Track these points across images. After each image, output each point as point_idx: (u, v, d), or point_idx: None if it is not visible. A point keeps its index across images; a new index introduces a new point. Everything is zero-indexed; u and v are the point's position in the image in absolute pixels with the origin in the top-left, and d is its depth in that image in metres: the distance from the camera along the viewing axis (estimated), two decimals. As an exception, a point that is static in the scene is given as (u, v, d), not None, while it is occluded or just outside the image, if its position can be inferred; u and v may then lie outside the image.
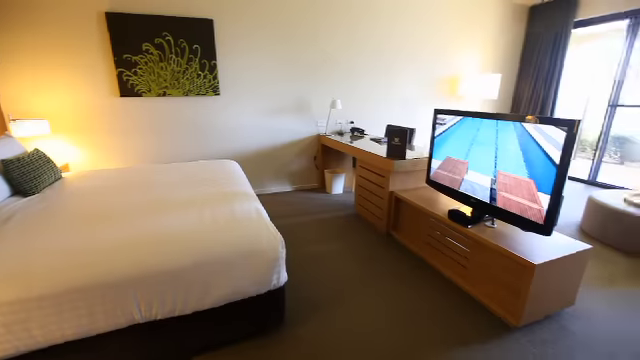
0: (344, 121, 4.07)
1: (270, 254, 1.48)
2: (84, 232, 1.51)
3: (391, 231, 2.76)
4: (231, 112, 3.56)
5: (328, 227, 2.95)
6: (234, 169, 2.69)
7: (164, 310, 1.36)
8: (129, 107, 3.22)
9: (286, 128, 3.84)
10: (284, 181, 4.02)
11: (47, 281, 1.20)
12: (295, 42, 3.59)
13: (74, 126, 3.10)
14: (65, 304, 1.20)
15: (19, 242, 1.42)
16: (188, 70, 3.28)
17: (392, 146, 2.62)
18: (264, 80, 3.59)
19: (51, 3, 2.78)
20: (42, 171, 2.28)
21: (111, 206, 1.85)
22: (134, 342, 1.39)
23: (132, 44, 3.06)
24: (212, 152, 3.62)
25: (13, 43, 2.77)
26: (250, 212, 1.74)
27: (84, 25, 2.91)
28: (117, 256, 1.33)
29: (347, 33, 3.77)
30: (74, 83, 3.01)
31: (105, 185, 2.27)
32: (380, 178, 2.76)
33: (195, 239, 1.46)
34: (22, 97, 2.91)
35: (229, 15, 3.28)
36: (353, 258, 2.42)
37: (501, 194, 1.80)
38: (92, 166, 3.26)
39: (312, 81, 3.78)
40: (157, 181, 2.34)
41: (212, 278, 1.40)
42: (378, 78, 4.08)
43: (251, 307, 1.54)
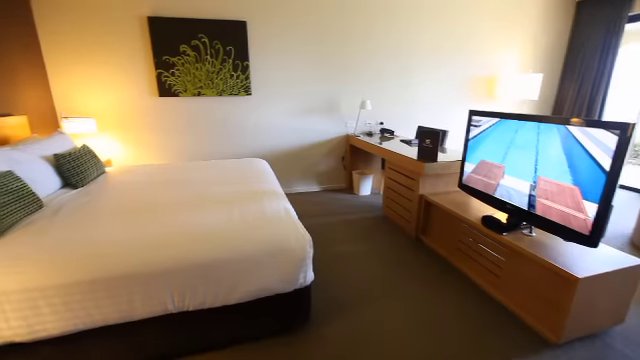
0: (373, 122, 4.03)
1: (298, 253, 1.49)
2: (126, 224, 1.60)
3: (420, 235, 2.69)
4: (262, 112, 3.64)
5: (355, 228, 2.93)
6: (264, 168, 2.75)
7: (195, 302, 1.41)
8: (167, 106, 3.38)
9: (315, 128, 3.86)
10: (312, 181, 4.05)
11: (95, 267, 1.29)
12: (326, 42, 3.60)
13: (117, 124, 3.31)
14: (110, 290, 1.29)
15: (70, 230, 1.53)
16: (222, 71, 3.38)
17: (423, 148, 2.56)
18: (294, 80, 3.63)
19: (99, 7, 2.98)
20: (88, 166, 2.45)
21: (148, 201, 1.95)
22: (167, 330, 1.45)
23: (170, 46, 3.21)
24: (242, 151, 3.71)
25: (63, 42, 3.00)
26: (279, 211, 1.77)
27: (129, 29, 3.09)
28: (154, 248, 1.40)
29: (378, 33, 3.72)
30: (119, 84, 3.20)
31: (143, 180, 2.40)
32: (410, 180, 2.70)
33: (226, 236, 1.50)
34: (72, 96, 3.15)
35: (261, 16, 3.35)
36: (380, 260, 2.39)
37: (541, 201, 1.70)
38: (132, 162, 3.45)
39: (342, 81, 3.78)
40: (190, 178, 2.44)
41: (241, 274, 1.43)
42: (409, 78, 3.99)
43: (277, 305, 1.57)
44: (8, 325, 1.22)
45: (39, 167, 2.12)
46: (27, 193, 1.75)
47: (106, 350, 1.39)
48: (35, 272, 1.25)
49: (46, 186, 2.09)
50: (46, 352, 1.31)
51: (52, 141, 2.47)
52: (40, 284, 1.23)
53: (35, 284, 1.22)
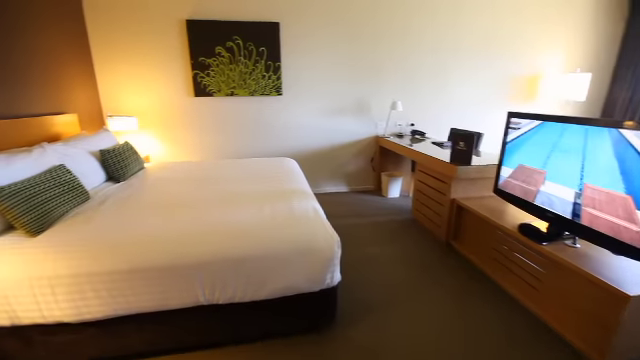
0: (404, 123, 3.95)
1: (326, 253, 1.49)
2: (162, 218, 1.68)
3: (451, 240, 2.60)
4: (292, 112, 3.68)
5: (383, 230, 2.89)
6: (293, 167, 2.78)
7: (225, 296, 1.46)
8: (201, 106, 3.51)
9: (344, 128, 3.85)
10: (340, 181, 4.04)
11: (134, 258, 1.37)
12: (358, 42, 3.57)
13: (156, 122, 3.49)
14: (146, 279, 1.36)
15: (113, 222, 1.64)
16: (254, 71, 3.46)
17: (456, 151, 2.47)
18: (325, 80, 3.64)
19: (143, 8, 3.16)
20: (130, 161, 2.60)
21: (183, 196, 2.04)
22: (199, 321, 1.51)
23: (206, 48, 3.33)
24: (272, 150, 3.77)
25: (109, 41, 3.20)
26: (308, 210, 1.78)
27: (169, 31, 3.25)
28: (188, 242, 1.45)
29: (414, 33, 3.65)
30: (158, 84, 3.37)
31: (178, 177, 2.51)
32: (441, 184, 2.62)
33: (257, 233, 1.53)
34: (116, 95, 3.35)
35: (294, 17, 3.39)
36: (408, 264, 2.34)
37: (587, 210, 1.58)
38: (168, 158, 3.62)
39: (373, 81, 3.74)
40: (222, 175, 2.52)
41: (269, 271, 1.46)
42: (444, 79, 3.87)
43: (304, 303, 1.58)
44: (58, 306, 1.32)
45: (87, 161, 2.28)
46: (76, 185, 1.89)
47: (143, 335, 1.47)
48: (82, 259, 1.34)
49: (92, 179, 2.24)
50: (90, 333, 1.41)
51: (98, 138, 2.64)
52: (86, 270, 1.32)
53: (82, 270, 1.32)
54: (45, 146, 2.05)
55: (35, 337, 1.38)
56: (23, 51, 2.34)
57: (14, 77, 2.25)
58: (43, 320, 1.34)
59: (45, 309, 1.32)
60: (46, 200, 1.61)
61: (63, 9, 2.82)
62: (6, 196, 1.46)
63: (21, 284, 1.28)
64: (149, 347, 1.49)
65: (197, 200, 1.95)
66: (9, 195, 1.47)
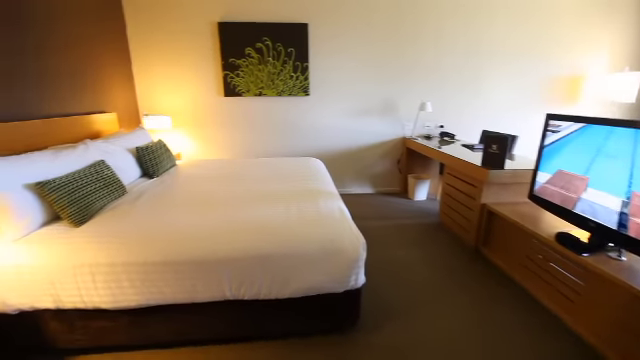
0: (433, 125, 3.85)
1: (351, 254, 1.48)
2: (192, 213, 1.75)
3: (480, 246, 2.50)
4: (318, 112, 3.70)
5: (409, 233, 2.83)
6: (319, 167, 2.79)
7: (251, 292, 1.48)
8: (230, 106, 3.60)
9: (371, 129, 3.81)
10: (365, 183, 4.00)
11: (166, 251, 1.42)
12: (387, 44, 3.53)
13: (187, 121, 3.62)
14: (177, 272, 1.41)
15: (147, 216, 1.72)
16: (282, 72, 3.51)
17: (488, 154, 2.37)
18: (352, 81, 3.62)
19: (178, 10, 3.29)
20: (163, 158, 2.71)
21: (212, 193, 2.10)
22: (224, 315, 1.55)
23: (237, 49, 3.41)
24: (298, 150, 3.81)
25: (146, 40, 3.36)
26: (333, 211, 1.78)
27: (202, 33, 3.36)
28: (217, 238, 1.50)
29: (443, 36, 3.55)
30: (191, 84, 3.50)
31: (208, 174, 2.58)
32: (471, 188, 2.53)
33: (283, 232, 1.55)
34: (151, 95, 3.52)
35: (323, 18, 3.40)
36: (434, 268, 2.27)
37: (635, 220, 1.47)
38: (198, 156, 3.75)
39: (402, 83, 3.67)
40: (250, 174, 2.57)
41: (294, 270, 1.47)
42: (477, 80, 3.74)
43: (327, 304, 1.58)
44: (97, 293, 1.40)
45: (124, 158, 2.41)
46: (115, 180, 2.00)
47: (173, 325, 1.52)
48: (119, 249, 1.42)
49: (129, 175, 2.36)
50: (125, 320, 1.48)
51: (134, 135, 2.78)
52: (123, 260, 1.39)
53: (119, 260, 1.39)
54: (88, 143, 2.18)
55: (75, 321, 1.47)
56: (69, 54, 2.51)
57: (62, 79, 2.42)
58: (83, 305, 1.42)
59: (85, 295, 1.40)
60: (88, 193, 1.72)
61: (104, 8, 3.00)
62: (54, 188, 1.57)
63: (65, 270, 1.37)
64: (177, 337, 1.55)
65: (226, 197, 2.00)
66: (56, 188, 1.58)
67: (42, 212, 1.57)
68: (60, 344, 1.50)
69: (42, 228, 1.56)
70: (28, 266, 1.36)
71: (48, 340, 1.49)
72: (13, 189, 1.47)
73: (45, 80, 2.25)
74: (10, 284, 1.36)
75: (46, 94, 2.26)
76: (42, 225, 1.58)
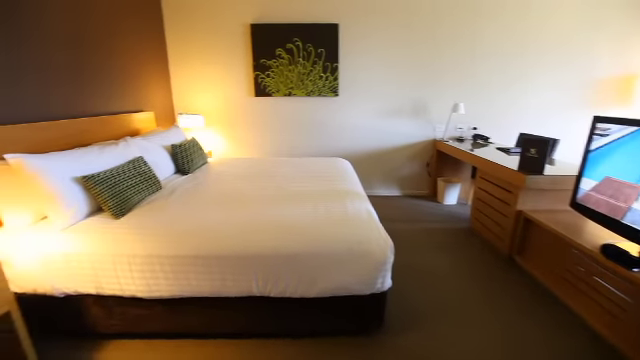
0: (465, 127, 3.71)
1: (378, 256, 1.46)
2: (222, 210, 1.80)
3: (514, 255, 2.38)
4: (347, 112, 3.68)
5: (438, 238, 2.75)
6: (347, 168, 2.78)
7: (277, 289, 1.50)
8: (260, 106, 3.67)
9: (400, 131, 3.74)
10: (393, 185, 3.94)
11: (198, 245, 1.47)
12: (419, 44, 3.45)
13: (219, 120, 3.73)
14: (207, 266, 1.46)
15: (180, 211, 1.79)
16: (312, 72, 3.53)
17: (526, 158, 2.26)
18: (382, 82, 3.57)
19: (213, 12, 3.40)
20: (196, 156, 2.81)
21: (242, 190, 2.15)
22: (250, 311, 1.58)
23: (268, 50, 3.47)
24: (326, 150, 3.81)
25: (182, 39, 3.51)
26: (361, 212, 1.76)
27: (235, 34, 3.46)
28: (245, 234, 1.53)
29: (479, 36, 3.42)
30: (223, 84, 3.61)
31: (238, 172, 2.65)
32: (506, 193, 2.41)
33: (310, 231, 1.55)
34: (186, 94, 3.66)
35: (354, 19, 3.39)
36: (463, 275, 2.19)
37: (696, 234, 1.33)
38: (229, 154, 3.86)
39: (434, 84, 3.58)
40: (279, 173, 2.60)
41: (321, 269, 1.47)
42: (512, 80, 3.57)
43: (353, 305, 1.57)
44: (133, 282, 1.48)
45: (160, 155, 2.52)
46: (152, 176, 2.10)
47: (203, 317, 1.58)
48: (154, 242, 1.49)
49: (164, 171, 2.47)
50: (158, 309, 1.55)
51: (170, 133, 2.91)
52: (157, 252, 1.46)
53: (154, 252, 1.46)
54: (128, 140, 2.31)
55: (114, 307, 1.56)
56: (115, 57, 2.67)
57: (109, 80, 2.58)
58: (121, 293, 1.51)
59: (123, 283, 1.48)
60: (128, 187, 1.82)
61: (145, 9, 3.15)
62: (98, 182, 1.67)
63: (106, 259, 1.46)
64: (206, 329, 1.60)
65: (255, 195, 2.04)
66: (100, 181, 1.68)
67: (87, 204, 1.68)
68: (99, 329, 1.60)
69: (87, 219, 1.67)
70: (74, 253, 1.46)
71: (89, 324, 1.59)
72: (63, 181, 1.59)
73: (94, 82, 2.41)
74: (58, 269, 1.47)
75: (95, 94, 2.42)
76: (87, 216, 1.69)
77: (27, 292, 1.51)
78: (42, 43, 1.97)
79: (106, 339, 1.63)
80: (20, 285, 1.49)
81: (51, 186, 1.54)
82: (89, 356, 1.54)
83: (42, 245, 1.48)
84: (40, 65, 1.96)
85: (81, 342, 1.61)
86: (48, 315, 1.58)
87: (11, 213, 1.56)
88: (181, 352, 1.56)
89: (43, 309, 1.55)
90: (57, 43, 2.09)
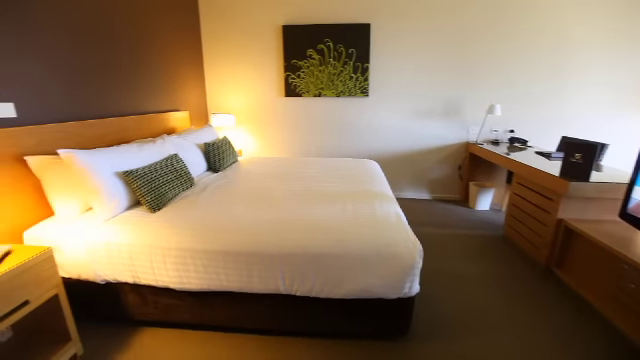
0: (502, 129, 3.54)
1: (407, 260, 1.43)
2: (252, 207, 1.84)
3: (552, 266, 2.24)
4: (377, 113, 3.64)
5: (469, 245, 2.64)
6: (375, 169, 2.74)
7: (303, 288, 1.51)
8: (290, 106, 3.72)
9: (431, 132, 3.63)
10: (422, 188, 3.84)
11: (227, 241, 1.52)
12: (453, 43, 3.34)
13: (250, 120, 3.82)
14: (235, 262, 1.49)
15: (212, 207, 1.85)
16: (342, 72, 3.52)
17: (570, 163, 2.11)
18: (414, 82, 3.49)
19: (247, 14, 3.49)
20: (227, 154, 2.90)
21: (270, 189, 2.18)
22: (276, 308, 1.60)
23: (299, 51, 3.51)
24: (354, 150, 3.79)
25: (216, 39, 3.63)
26: (389, 214, 1.73)
27: (267, 35, 3.53)
28: (274, 233, 1.55)
29: (518, 31, 3.24)
30: (254, 84, 3.70)
31: (267, 171, 2.70)
32: (545, 201, 2.27)
33: (338, 232, 1.55)
34: (219, 94, 3.79)
35: (385, 19, 3.34)
36: (495, 285, 2.09)
37: None
38: (258, 153, 3.94)
39: (468, 84, 3.44)
40: (307, 172, 2.62)
41: (348, 270, 1.46)
42: (554, 80, 3.35)
43: (379, 309, 1.54)
44: (167, 274, 1.55)
45: (194, 152, 2.62)
46: (186, 173, 2.18)
47: (230, 311, 1.62)
48: (187, 236, 1.54)
49: (197, 168, 2.57)
50: (189, 301, 1.62)
51: (203, 132, 3.01)
52: (189, 246, 1.52)
53: (186, 245, 1.52)
54: (165, 138, 2.42)
55: (148, 296, 1.64)
56: (155, 60, 2.82)
57: (148, 82, 2.72)
58: (155, 283, 1.58)
59: (157, 274, 1.55)
60: (163, 183, 1.91)
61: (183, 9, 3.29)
62: (137, 177, 1.77)
63: (142, 250, 1.54)
64: (233, 323, 1.64)
65: (283, 194, 2.07)
66: (139, 176, 1.78)
67: (127, 197, 1.78)
68: (135, 316, 1.69)
69: (126, 211, 1.77)
70: (114, 243, 1.55)
71: (125, 311, 1.68)
72: (107, 176, 1.69)
73: (135, 82, 2.55)
74: (100, 257, 1.57)
75: (136, 95, 2.56)
76: (126, 209, 1.79)
77: (73, 277, 1.63)
78: (94, 47, 2.12)
79: (140, 326, 1.72)
80: (67, 270, 1.61)
81: (97, 180, 1.65)
82: (125, 341, 1.63)
83: (87, 234, 1.59)
84: (90, 66, 2.11)
85: (118, 327, 1.71)
86: (90, 300, 1.69)
87: (62, 204, 1.69)
88: (209, 343, 1.62)
89: (86, 294, 1.66)
90: (105, 45, 2.23)
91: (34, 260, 1.30)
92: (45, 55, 1.80)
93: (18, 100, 1.65)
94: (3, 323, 1.18)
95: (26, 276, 1.27)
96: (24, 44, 1.68)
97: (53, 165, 1.67)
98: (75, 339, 1.50)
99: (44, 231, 1.62)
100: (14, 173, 1.60)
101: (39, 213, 1.72)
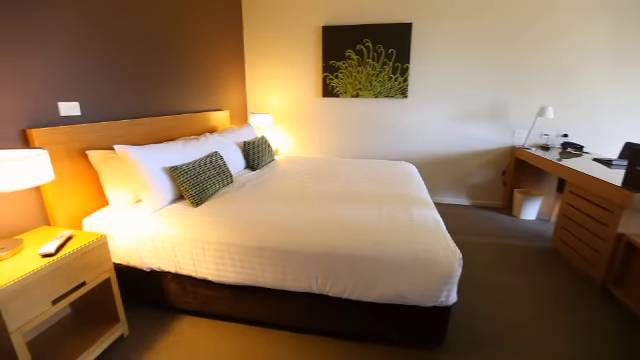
0: (553, 133, 3.29)
1: (445, 268, 1.37)
2: (287, 206, 1.87)
3: (610, 285, 2.03)
4: (415, 115, 3.54)
5: (512, 256, 2.48)
6: (412, 172, 2.67)
7: (336, 289, 1.51)
8: (327, 106, 3.73)
9: (473, 135, 3.46)
10: (461, 193, 3.67)
11: (264, 238, 1.55)
12: (501, 43, 3.15)
13: (287, 120, 3.89)
14: (270, 258, 1.53)
15: (250, 203, 1.90)
16: (381, 73, 3.46)
17: (635, 172, 1.91)
18: (455, 83, 3.35)
19: (288, 14, 3.55)
20: (264, 153, 2.97)
21: (307, 189, 2.20)
22: (307, 307, 1.61)
23: (337, 51, 3.51)
24: (391, 152, 3.71)
25: (257, 39, 3.73)
26: (427, 219, 1.67)
27: (307, 36, 3.56)
28: (309, 232, 1.56)
29: (576, 28, 2.99)
30: (292, 85, 3.75)
31: (302, 170, 2.73)
32: (603, 212, 2.07)
33: (373, 234, 1.53)
34: (258, 94, 3.89)
35: (428, 18, 3.23)
36: (540, 301, 1.94)
37: None
38: (294, 153, 4.00)
39: (515, 84, 3.23)
40: (343, 173, 2.61)
41: (381, 274, 1.43)
42: (618, 80, 3.04)
43: (413, 317, 1.50)
44: (206, 266, 1.62)
45: (233, 150, 2.72)
46: (226, 170, 2.27)
47: (264, 307, 1.66)
48: (225, 231, 1.60)
49: (236, 165, 2.66)
50: (225, 293, 1.68)
51: (243, 131, 3.12)
52: (227, 240, 1.57)
53: (224, 240, 1.58)
54: (207, 136, 2.53)
55: (188, 286, 1.73)
56: (200, 61, 2.96)
57: (193, 83, 2.87)
58: (194, 274, 1.66)
59: (197, 265, 1.63)
60: (205, 179, 2.00)
61: (227, 7, 3.42)
62: (182, 172, 1.87)
63: (184, 242, 1.62)
64: (267, 318, 1.68)
65: (319, 194, 2.08)
66: (183, 172, 1.88)
67: (172, 191, 1.89)
68: (176, 304, 1.78)
69: (171, 204, 1.88)
70: (160, 234, 1.65)
71: (168, 298, 1.79)
72: (155, 171, 1.81)
73: (182, 84, 2.70)
74: (146, 246, 1.68)
75: (182, 95, 2.71)
76: (171, 202, 1.90)
77: (122, 263, 1.76)
78: (146, 50, 2.28)
79: (180, 314, 1.82)
80: (118, 257, 1.74)
81: (146, 174, 1.76)
82: (166, 326, 1.73)
83: (136, 224, 1.70)
84: (142, 69, 2.26)
85: (160, 313, 1.82)
86: (136, 286, 1.81)
87: (115, 195, 1.83)
88: (245, 336, 1.67)
89: (133, 280, 1.79)
90: (156, 48, 2.39)
91: (91, 245, 1.42)
92: (105, 59, 1.96)
93: (82, 100, 1.82)
94: (66, 300, 1.31)
95: (85, 259, 1.39)
96: (87, 51, 1.84)
97: (109, 159, 1.81)
98: (123, 321, 1.62)
99: (100, 219, 1.77)
100: (77, 166, 1.76)
101: (96, 203, 1.88)
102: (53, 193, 1.63)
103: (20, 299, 1.14)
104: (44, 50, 1.59)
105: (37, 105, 1.58)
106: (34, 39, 1.55)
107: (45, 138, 1.57)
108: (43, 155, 1.27)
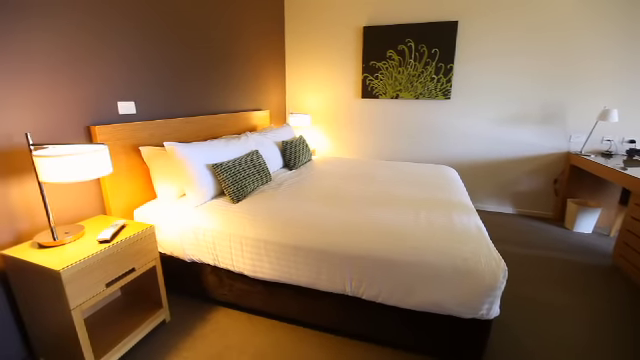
0: (617, 139, 2.98)
1: (487, 279, 1.29)
2: (324, 206, 1.87)
3: (682, 312, 1.80)
4: (458, 117, 3.38)
5: (563, 271, 2.28)
6: (453, 177, 2.56)
7: (370, 292, 1.48)
8: (366, 107, 3.69)
9: (522, 140, 3.23)
10: (505, 200, 3.45)
11: (300, 237, 1.57)
12: (551, 39, 2.90)
13: (325, 120, 3.91)
14: (306, 258, 1.54)
15: (287, 202, 1.94)
16: (423, 74, 3.36)
17: None
18: (504, 83, 3.15)
19: (329, 17, 3.57)
20: (302, 153, 3.01)
21: (344, 190, 2.20)
22: (340, 309, 1.60)
23: (378, 52, 3.46)
24: (431, 156, 3.59)
25: (297, 40, 3.79)
26: (469, 226, 1.59)
27: (347, 36, 3.56)
28: (345, 233, 1.55)
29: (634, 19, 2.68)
30: (331, 85, 3.77)
31: (339, 171, 2.72)
32: (677, 229, 1.83)
33: (410, 238, 1.48)
34: (297, 94, 3.95)
35: (475, 15, 3.08)
36: (594, 322, 1.77)
37: None
38: (332, 154, 4.01)
39: (574, 84, 2.97)
40: (380, 175, 2.57)
41: (419, 281, 1.38)
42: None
43: (449, 327, 1.43)
44: (242, 261, 1.67)
45: (272, 149, 2.78)
46: (264, 168, 2.33)
47: (297, 304, 1.68)
48: (263, 228, 1.65)
49: (274, 164, 2.72)
50: (260, 288, 1.72)
51: (281, 131, 3.18)
52: (264, 238, 1.61)
53: (262, 236, 1.62)
54: (248, 135, 2.62)
55: (225, 279, 1.80)
56: (243, 63, 3.07)
57: (237, 84, 2.98)
58: (232, 268, 1.72)
59: (235, 259, 1.69)
60: (245, 177, 2.07)
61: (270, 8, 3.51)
62: (223, 170, 1.95)
63: (224, 236, 1.69)
64: (299, 316, 1.70)
65: (355, 195, 2.06)
66: (225, 169, 1.96)
67: (213, 187, 1.97)
68: (213, 295, 1.86)
69: (212, 200, 1.96)
70: (201, 227, 1.74)
71: (206, 289, 1.87)
72: (199, 167, 1.91)
73: (225, 85, 2.82)
74: (189, 238, 1.77)
75: (225, 95, 2.83)
76: (212, 198, 1.99)
77: (167, 253, 1.87)
78: (193, 52, 2.41)
79: (216, 305, 1.90)
80: (163, 247, 1.86)
81: (191, 170, 1.86)
82: (203, 315, 1.82)
83: (180, 217, 1.81)
84: (190, 70, 2.40)
85: (198, 302, 1.92)
86: (178, 275, 1.92)
87: (163, 188, 1.96)
88: (276, 331, 1.70)
89: (175, 270, 1.90)
90: (203, 49, 2.52)
91: (141, 234, 1.53)
92: (157, 63, 2.10)
93: (137, 99, 1.96)
94: (117, 283, 1.42)
95: (135, 247, 1.50)
96: (142, 56, 1.99)
97: (159, 155, 1.94)
98: (165, 307, 1.73)
99: (149, 211, 1.90)
100: (131, 160, 1.90)
101: (146, 195, 2.02)
102: (110, 185, 1.78)
103: (80, 280, 1.26)
104: (106, 56, 1.75)
105: (99, 104, 1.74)
106: (98, 47, 1.70)
107: (106, 134, 1.72)
108: (104, 150, 1.39)
